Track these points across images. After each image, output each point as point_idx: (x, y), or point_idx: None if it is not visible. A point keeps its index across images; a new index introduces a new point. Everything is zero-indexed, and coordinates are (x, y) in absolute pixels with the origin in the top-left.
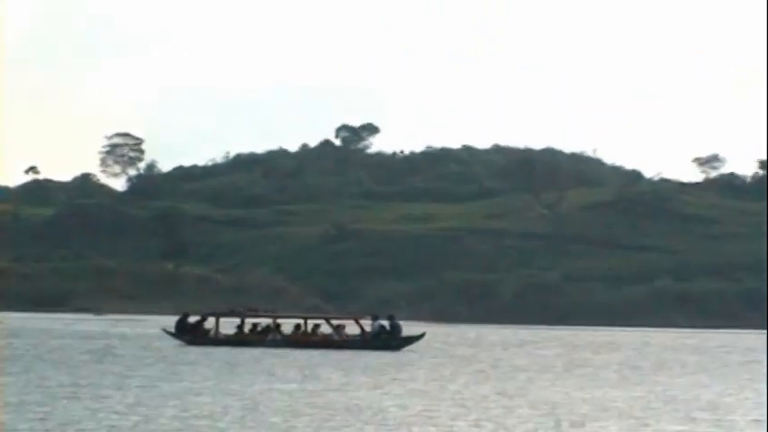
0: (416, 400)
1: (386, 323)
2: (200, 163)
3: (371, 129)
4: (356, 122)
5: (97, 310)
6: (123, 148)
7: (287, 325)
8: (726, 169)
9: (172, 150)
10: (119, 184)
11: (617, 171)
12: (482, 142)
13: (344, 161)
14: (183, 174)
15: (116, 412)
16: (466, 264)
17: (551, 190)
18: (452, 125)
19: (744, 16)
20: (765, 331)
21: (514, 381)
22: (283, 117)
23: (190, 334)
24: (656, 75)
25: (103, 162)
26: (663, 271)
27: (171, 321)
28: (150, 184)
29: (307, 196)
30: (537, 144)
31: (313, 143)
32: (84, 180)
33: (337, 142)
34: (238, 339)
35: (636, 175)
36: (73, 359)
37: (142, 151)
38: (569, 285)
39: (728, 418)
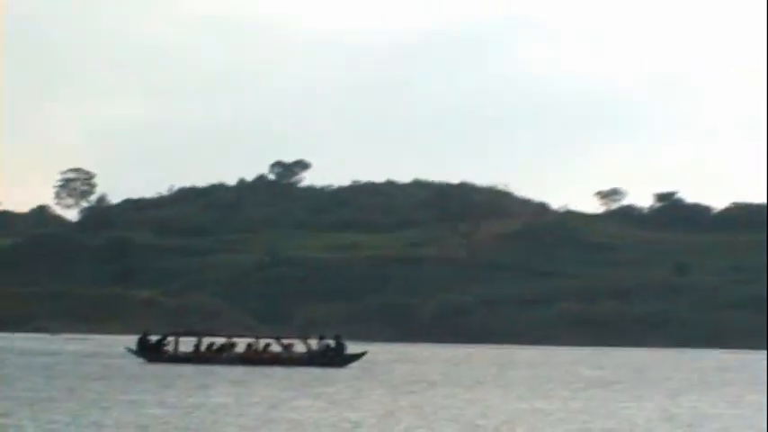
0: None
1: (332, 342)
2: (147, 195)
3: (303, 165)
4: (289, 159)
5: (53, 330)
6: (76, 182)
7: (241, 344)
8: (625, 201)
9: (121, 183)
10: (72, 215)
11: (526, 203)
12: (403, 177)
13: (278, 194)
14: (131, 205)
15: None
16: (389, 288)
17: (466, 221)
18: (376, 161)
19: (629, 53)
20: (659, 349)
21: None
22: (223, 153)
23: (151, 352)
24: (562, 115)
25: (58, 195)
26: (568, 294)
27: (121, 340)
28: (101, 215)
29: (243, 226)
30: (453, 179)
31: (249, 178)
32: (41, 211)
33: (271, 177)
34: (196, 357)
35: (543, 207)
36: (45, 374)
37: (94, 185)
38: (483, 308)
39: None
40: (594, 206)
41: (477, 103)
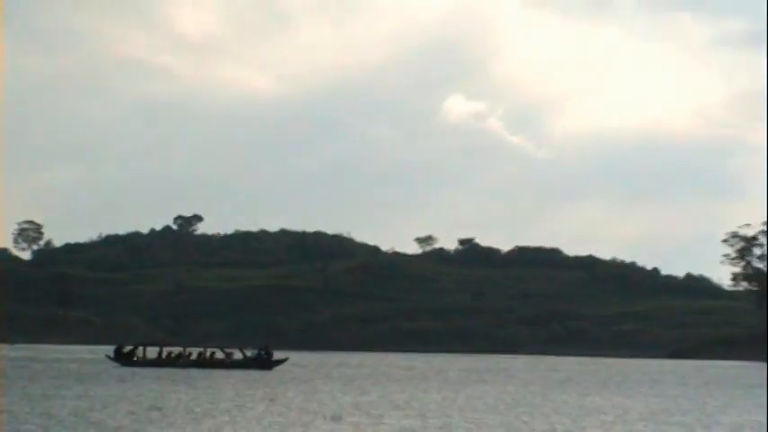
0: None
1: (263, 351)
2: (81, 240)
3: (198, 218)
4: (187, 213)
5: (13, 341)
6: (29, 231)
7: (194, 352)
8: (437, 245)
9: (62, 232)
10: (26, 255)
11: (364, 246)
12: (273, 227)
13: (179, 240)
14: (70, 248)
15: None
16: (263, 310)
17: (320, 259)
18: (252, 215)
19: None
20: (464, 354)
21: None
22: (138, 209)
23: (124, 358)
24: (391, 180)
25: (15, 240)
26: (397, 314)
27: (63, 348)
28: (47, 256)
29: (154, 264)
30: (310, 228)
31: (158, 227)
32: (3, 252)
33: (175, 227)
34: (159, 362)
35: (376, 249)
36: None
37: (41, 233)
38: (334, 324)
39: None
40: (414, 248)
41: (329, 169)
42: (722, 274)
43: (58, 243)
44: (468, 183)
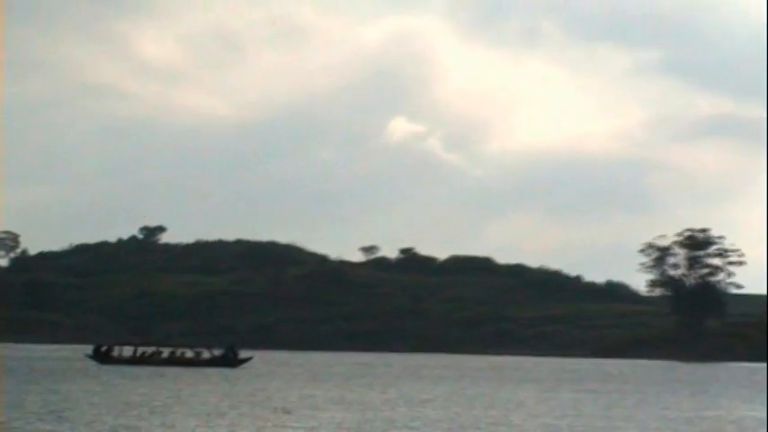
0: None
1: (229, 350)
2: (54, 249)
3: (161, 228)
4: (152, 224)
5: None
6: (6, 240)
7: (165, 351)
8: (379, 254)
9: (37, 241)
10: (4, 263)
11: (313, 255)
12: (229, 237)
13: (144, 249)
14: (43, 256)
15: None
16: (220, 312)
17: (273, 267)
18: (211, 226)
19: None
20: (402, 353)
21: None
22: (106, 220)
23: (102, 357)
24: (338, 192)
25: None
26: (342, 317)
27: (37, 347)
28: (23, 263)
29: (121, 270)
30: (264, 238)
31: (125, 237)
32: None
33: (140, 236)
34: (134, 360)
35: (324, 258)
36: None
37: (18, 242)
38: (285, 325)
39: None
40: (359, 257)
41: (281, 184)
42: (639, 281)
43: (33, 251)
44: (409, 197)
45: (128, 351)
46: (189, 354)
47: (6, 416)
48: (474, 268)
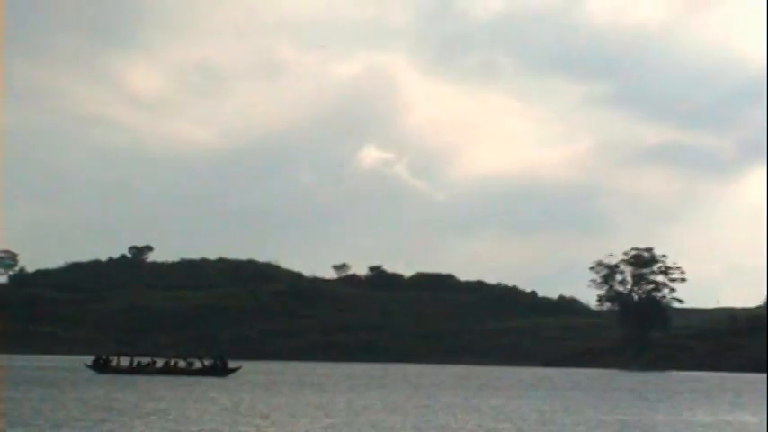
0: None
1: (218, 360)
2: (50, 267)
3: (148, 248)
4: (140, 244)
5: None
6: (6, 258)
7: (160, 362)
8: (350, 271)
9: (34, 260)
10: (3, 279)
11: (290, 272)
12: (212, 255)
13: (133, 267)
14: (40, 273)
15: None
16: (203, 325)
17: (252, 283)
18: (195, 246)
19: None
20: (371, 363)
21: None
22: (98, 240)
23: (101, 367)
24: (313, 215)
25: None
26: (317, 329)
27: (34, 357)
28: (21, 279)
29: (111, 287)
30: (243, 256)
31: (115, 256)
32: None
33: (129, 256)
34: (130, 370)
35: (300, 275)
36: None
37: (17, 260)
38: (264, 338)
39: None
40: (331, 274)
41: (260, 207)
42: (589, 296)
43: (30, 269)
44: (378, 219)
45: (125, 361)
46: (181, 363)
47: (25, 422)
48: (437, 285)
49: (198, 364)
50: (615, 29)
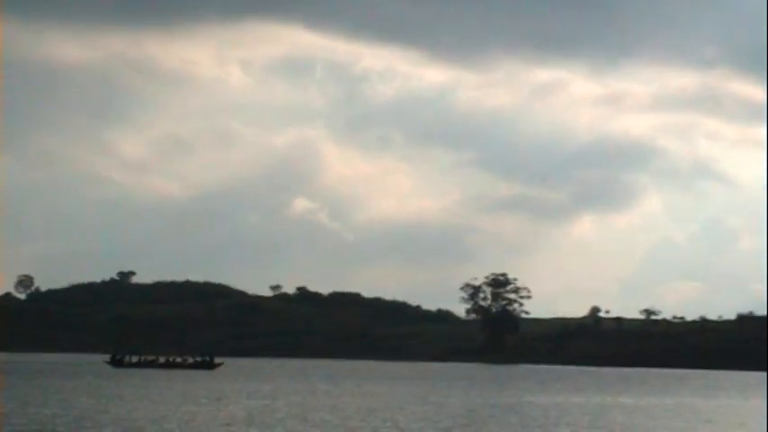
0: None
1: (207, 357)
2: (58, 287)
3: (132, 273)
4: (126, 270)
5: (10, 350)
6: (25, 281)
7: (161, 358)
8: (283, 290)
9: (47, 281)
10: (23, 296)
11: (238, 291)
12: (181, 278)
13: (121, 287)
14: (51, 292)
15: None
16: (175, 330)
17: (210, 299)
18: (166, 271)
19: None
20: (300, 359)
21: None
22: (92, 267)
23: (115, 362)
24: (256, 248)
25: (16, 287)
26: (257, 334)
27: (46, 356)
28: (36, 297)
29: (104, 302)
30: (203, 279)
31: (107, 278)
32: (7, 296)
33: (117, 278)
34: (138, 364)
35: (244, 293)
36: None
37: (33, 282)
38: (220, 341)
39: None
40: (268, 292)
41: (217, 242)
42: (460, 309)
43: (43, 288)
44: (304, 251)
45: (134, 358)
46: (179, 359)
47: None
48: (348, 300)
49: (191, 360)
50: (479, 110)
